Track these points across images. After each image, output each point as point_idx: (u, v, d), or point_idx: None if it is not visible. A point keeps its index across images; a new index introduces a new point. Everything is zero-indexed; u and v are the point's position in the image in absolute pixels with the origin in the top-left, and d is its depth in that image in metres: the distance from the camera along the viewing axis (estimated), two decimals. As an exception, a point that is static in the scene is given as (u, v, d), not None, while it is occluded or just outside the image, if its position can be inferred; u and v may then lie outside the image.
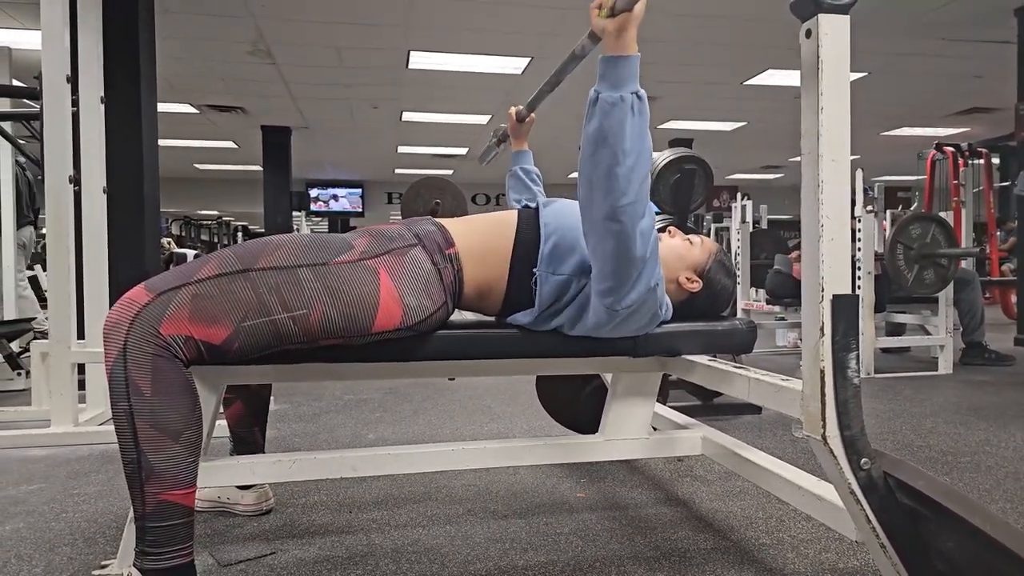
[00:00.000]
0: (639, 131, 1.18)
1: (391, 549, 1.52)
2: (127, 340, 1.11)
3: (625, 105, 1.16)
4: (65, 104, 2.60)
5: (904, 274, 3.67)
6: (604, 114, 1.16)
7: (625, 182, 1.18)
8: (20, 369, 3.60)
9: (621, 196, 1.18)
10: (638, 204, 1.20)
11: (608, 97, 1.16)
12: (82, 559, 1.48)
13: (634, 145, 1.18)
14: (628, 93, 1.17)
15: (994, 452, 2.28)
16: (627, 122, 1.16)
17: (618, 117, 1.16)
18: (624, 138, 1.16)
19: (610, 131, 1.16)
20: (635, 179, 1.18)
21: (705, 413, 2.80)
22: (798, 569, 1.40)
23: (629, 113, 1.17)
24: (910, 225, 3.71)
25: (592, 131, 1.18)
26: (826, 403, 1.04)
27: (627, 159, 1.17)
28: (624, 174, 1.17)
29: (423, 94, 8.30)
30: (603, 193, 1.18)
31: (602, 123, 1.16)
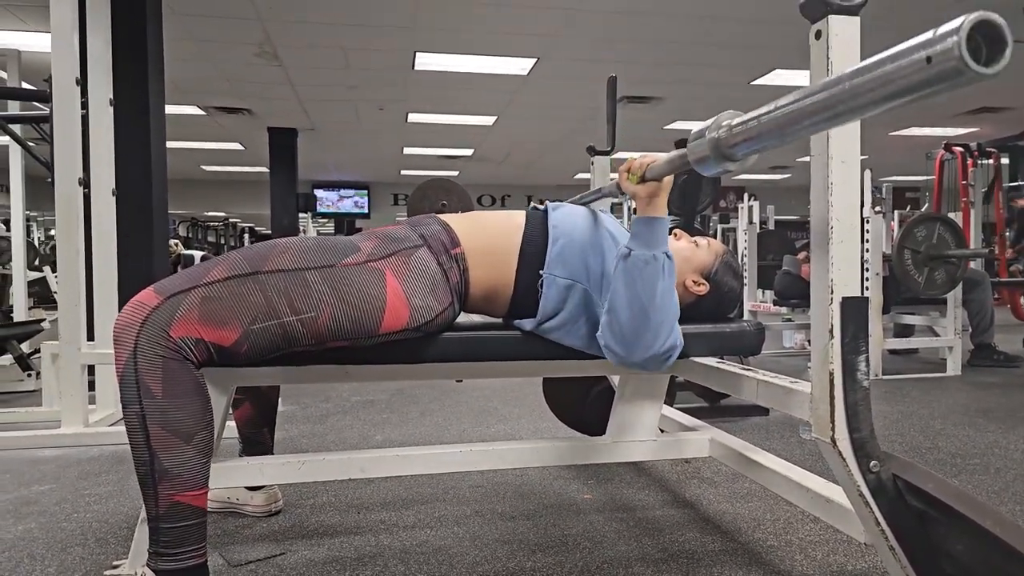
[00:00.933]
0: (668, 288, 1.27)
1: (399, 550, 1.53)
2: (138, 343, 1.12)
3: (657, 264, 1.25)
4: (74, 106, 2.62)
5: (914, 278, 3.65)
6: (637, 271, 1.25)
7: (654, 336, 1.25)
8: (30, 370, 3.63)
9: (651, 347, 1.26)
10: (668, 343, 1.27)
11: (641, 255, 1.25)
12: (94, 559, 1.50)
13: (663, 301, 1.26)
14: (660, 252, 1.25)
15: (1003, 454, 2.28)
16: (658, 280, 1.25)
17: (651, 274, 1.25)
18: (655, 295, 1.25)
19: (642, 287, 1.24)
20: (663, 332, 1.26)
21: (712, 415, 2.80)
22: (806, 571, 1.40)
23: (660, 272, 1.25)
24: (915, 228, 3.69)
25: (625, 285, 1.25)
26: (835, 405, 1.04)
27: (656, 314, 1.25)
28: (654, 328, 1.25)
29: (429, 95, 8.31)
30: (634, 343, 1.26)
31: (634, 279, 1.25)
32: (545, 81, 7.54)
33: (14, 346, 3.61)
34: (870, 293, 3.80)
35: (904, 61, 0.65)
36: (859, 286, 1.03)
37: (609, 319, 1.27)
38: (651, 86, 7.73)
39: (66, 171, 2.60)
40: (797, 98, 0.81)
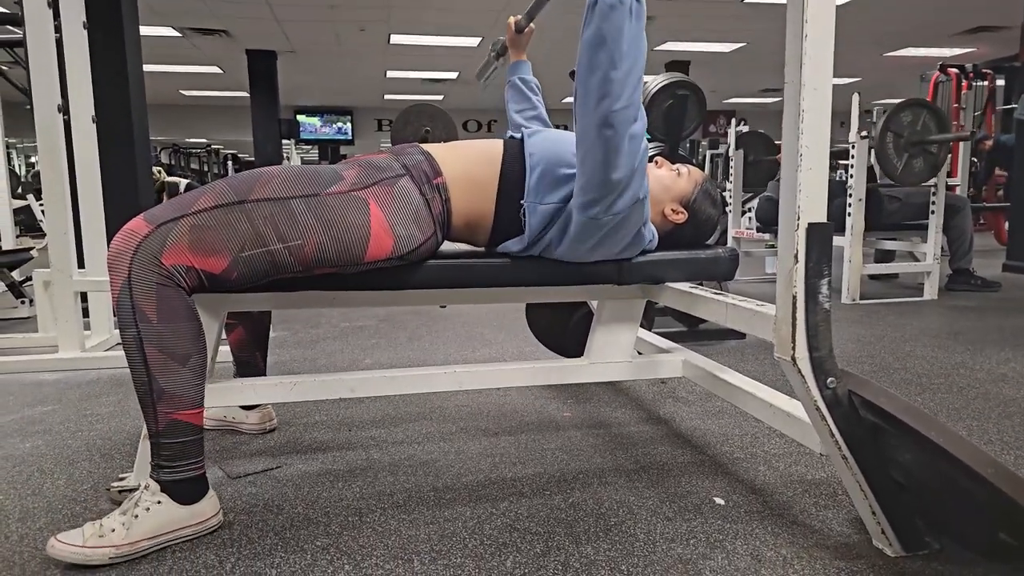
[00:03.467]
0: (636, 35, 1.20)
1: (388, 463, 1.62)
2: (131, 270, 1.16)
3: (624, 8, 1.17)
4: (48, 29, 2.56)
5: (893, 163, 3.64)
6: (603, 17, 1.17)
7: (620, 86, 1.20)
8: (24, 298, 3.66)
9: (615, 100, 1.20)
10: (630, 109, 1.22)
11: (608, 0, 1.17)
12: (100, 472, 1.58)
13: (631, 49, 1.19)
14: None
15: (968, 374, 2.38)
16: (625, 25, 1.18)
17: (616, 20, 1.17)
18: (621, 41, 1.18)
19: (608, 34, 1.17)
20: (630, 83, 1.20)
21: (690, 339, 2.89)
22: (768, 480, 1.50)
23: (627, 16, 1.18)
24: (901, 112, 3.65)
25: (590, 35, 1.19)
26: (797, 327, 1.10)
27: (623, 63, 1.19)
28: (620, 78, 1.19)
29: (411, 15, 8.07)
30: (597, 98, 1.20)
31: (600, 26, 1.17)
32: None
33: (5, 274, 3.63)
34: (852, 219, 3.85)
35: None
36: (824, 213, 1.08)
37: (575, 88, 1.24)
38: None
39: (45, 98, 2.56)
40: None
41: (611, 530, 1.28)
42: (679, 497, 1.42)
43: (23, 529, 1.31)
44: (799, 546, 1.22)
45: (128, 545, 1.18)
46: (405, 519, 1.33)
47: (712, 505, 1.38)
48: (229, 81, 12.09)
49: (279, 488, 1.48)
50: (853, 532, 1.27)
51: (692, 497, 1.42)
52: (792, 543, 1.23)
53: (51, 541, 1.17)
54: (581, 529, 1.29)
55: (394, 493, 1.45)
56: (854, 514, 1.32)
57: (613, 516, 1.34)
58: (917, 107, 3.71)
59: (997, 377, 2.34)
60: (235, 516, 1.35)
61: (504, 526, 1.30)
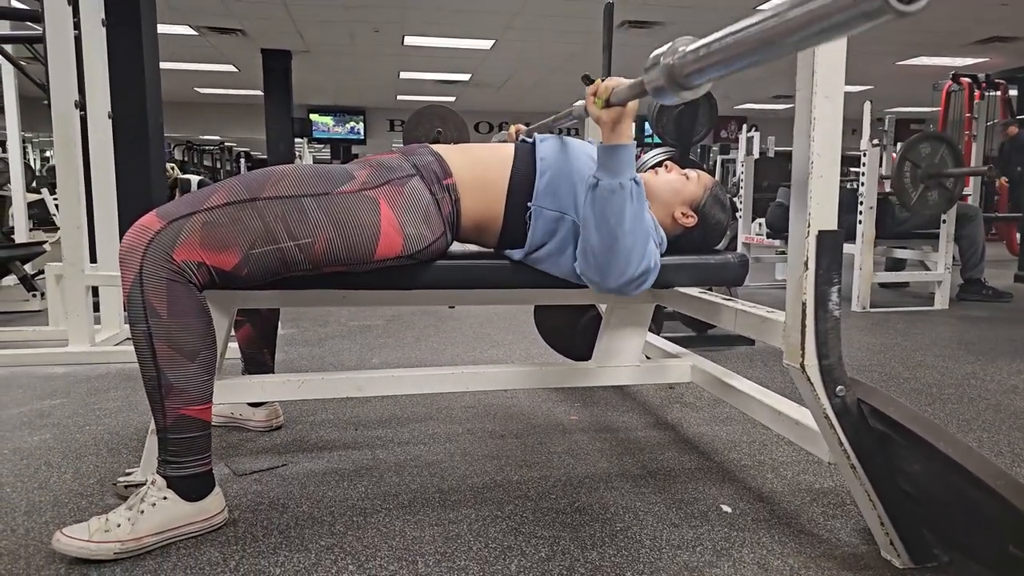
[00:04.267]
0: (637, 213, 1.28)
1: (394, 463, 1.62)
2: (143, 265, 1.17)
3: (624, 192, 1.26)
4: (67, 26, 2.58)
5: (909, 193, 3.66)
6: (604, 200, 1.26)
7: (625, 261, 1.28)
8: (35, 291, 3.69)
9: (624, 272, 1.29)
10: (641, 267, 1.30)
11: (608, 184, 1.26)
12: (107, 467, 1.58)
13: (632, 226, 1.27)
14: (627, 180, 1.26)
15: (979, 385, 2.36)
16: (627, 207, 1.26)
17: (618, 202, 1.26)
18: (624, 221, 1.26)
19: (611, 215, 1.26)
20: (635, 257, 1.29)
21: (699, 344, 2.88)
22: (776, 488, 1.49)
23: (628, 199, 1.26)
24: (920, 143, 3.67)
25: (594, 213, 1.27)
26: (806, 334, 1.09)
27: (626, 239, 1.27)
28: (625, 253, 1.28)
29: (426, 17, 8.09)
30: (606, 269, 1.29)
31: (604, 208, 1.26)
32: (544, 3, 7.33)
33: (18, 267, 3.66)
34: (863, 227, 3.82)
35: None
36: (835, 220, 1.07)
37: (583, 248, 1.31)
38: (652, 10, 7.51)
39: (62, 94, 2.59)
40: (742, 27, 0.79)
41: (617, 535, 1.28)
42: (686, 503, 1.41)
43: (29, 523, 1.31)
44: (807, 556, 1.21)
45: (133, 541, 1.18)
46: (410, 520, 1.33)
47: (719, 512, 1.38)
48: (244, 79, 12.16)
49: (284, 486, 1.48)
50: (861, 543, 1.26)
51: (699, 504, 1.41)
52: (799, 553, 1.22)
53: (56, 535, 1.17)
54: (587, 534, 1.28)
55: (399, 493, 1.45)
56: (862, 524, 1.31)
57: (619, 521, 1.33)
58: (936, 140, 3.74)
59: (1008, 388, 2.32)
60: (240, 514, 1.35)
61: (509, 529, 1.30)
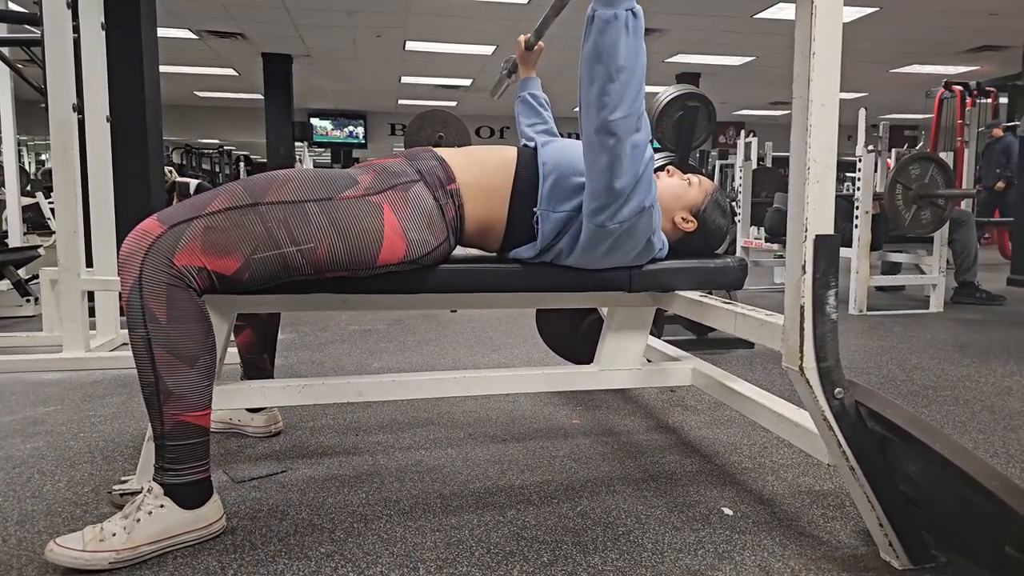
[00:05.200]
0: (633, 48, 1.21)
1: (395, 469, 1.62)
2: (142, 270, 1.17)
3: (619, 23, 1.19)
4: (66, 30, 2.58)
5: (902, 214, 3.70)
6: (599, 32, 1.19)
7: (618, 97, 1.21)
8: (29, 296, 3.68)
9: (614, 110, 1.22)
10: (631, 118, 1.24)
11: (603, 14, 1.19)
12: (102, 475, 1.57)
13: (628, 61, 1.21)
14: (622, 10, 1.19)
15: (973, 387, 2.37)
16: (621, 39, 1.19)
17: (612, 34, 1.19)
18: (618, 55, 1.20)
19: (604, 48, 1.19)
20: (628, 95, 1.22)
21: (699, 347, 2.88)
22: (776, 491, 1.50)
23: (623, 30, 1.19)
24: (910, 165, 3.72)
25: (588, 49, 1.22)
26: (804, 337, 1.10)
27: (621, 75, 1.20)
28: (617, 90, 1.21)
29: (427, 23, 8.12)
30: (597, 108, 1.22)
31: (596, 41, 1.20)
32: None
33: (12, 272, 3.64)
34: (859, 232, 3.84)
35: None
36: (832, 225, 1.08)
37: (580, 94, 1.26)
38: (654, 17, 7.55)
39: (60, 97, 2.59)
40: None
41: (619, 539, 1.28)
42: (687, 507, 1.42)
43: (22, 532, 1.30)
44: (807, 558, 1.22)
45: (129, 550, 1.16)
46: (411, 526, 1.33)
47: (720, 515, 1.38)
48: (244, 83, 12.17)
49: (284, 493, 1.48)
50: (861, 544, 1.26)
51: (700, 507, 1.42)
52: (800, 555, 1.23)
53: (50, 545, 1.16)
54: (589, 538, 1.29)
55: (400, 499, 1.45)
56: (862, 526, 1.32)
57: (621, 525, 1.34)
58: (925, 160, 3.76)
59: (1002, 390, 2.33)
60: (238, 521, 1.34)
61: (511, 534, 1.30)
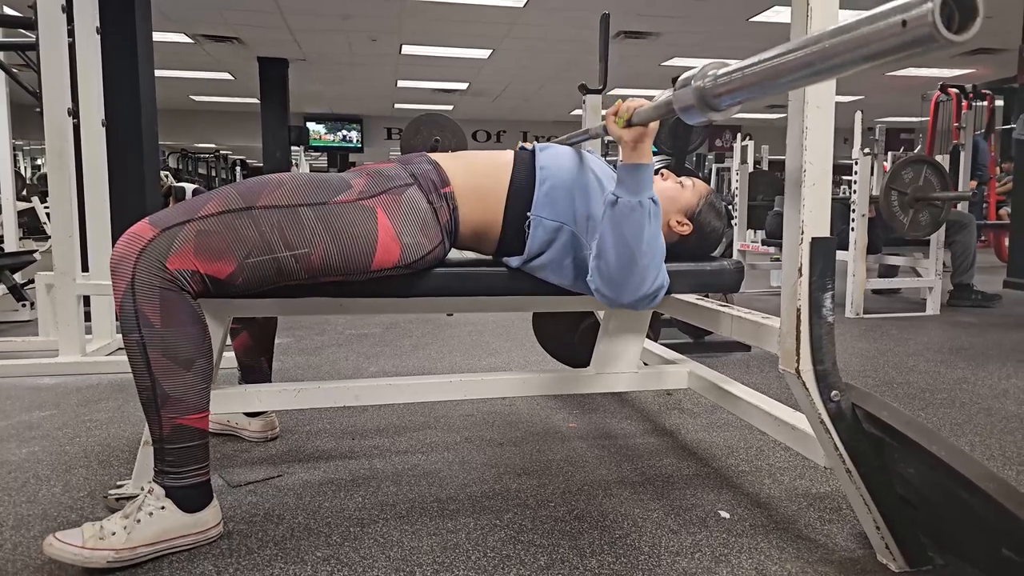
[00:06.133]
0: (654, 233, 1.31)
1: (392, 473, 1.62)
2: (135, 274, 1.16)
3: (643, 210, 1.28)
4: (61, 34, 2.58)
5: (899, 219, 3.70)
6: (624, 217, 1.27)
7: (640, 279, 1.31)
8: (24, 300, 3.67)
9: (639, 289, 1.31)
10: (655, 284, 1.33)
11: (627, 202, 1.27)
12: (98, 479, 1.57)
13: (650, 245, 1.30)
14: (645, 199, 1.28)
15: (970, 389, 2.37)
16: (645, 226, 1.28)
17: (637, 220, 1.27)
18: (642, 240, 1.28)
19: (629, 233, 1.28)
20: (650, 275, 1.32)
21: (696, 351, 2.88)
22: (773, 494, 1.50)
23: (646, 218, 1.28)
24: (902, 170, 3.72)
25: (612, 231, 1.28)
26: (801, 340, 1.10)
27: (643, 258, 1.29)
28: (641, 272, 1.30)
29: (423, 27, 8.13)
30: (623, 286, 1.31)
31: (621, 225, 1.28)
32: (542, 13, 7.37)
33: (7, 276, 3.63)
34: (855, 235, 3.85)
35: (881, 24, 0.65)
36: (828, 227, 1.08)
37: (598, 264, 1.31)
38: (649, 21, 7.57)
39: (55, 101, 2.58)
40: (780, 53, 0.81)
41: (616, 543, 1.28)
42: (684, 510, 1.42)
43: (17, 537, 1.30)
44: (804, 560, 1.22)
45: (128, 550, 1.16)
46: (408, 530, 1.33)
47: (717, 518, 1.38)
48: (240, 87, 12.16)
49: (280, 497, 1.48)
50: (857, 547, 1.26)
51: (697, 510, 1.41)
52: (797, 557, 1.23)
53: (49, 539, 1.16)
54: (585, 541, 1.28)
55: (397, 503, 1.45)
56: (858, 528, 1.32)
57: (618, 528, 1.33)
58: (917, 163, 3.77)
59: (999, 392, 2.33)
60: (235, 525, 1.34)
61: (508, 538, 1.30)
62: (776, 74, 0.83)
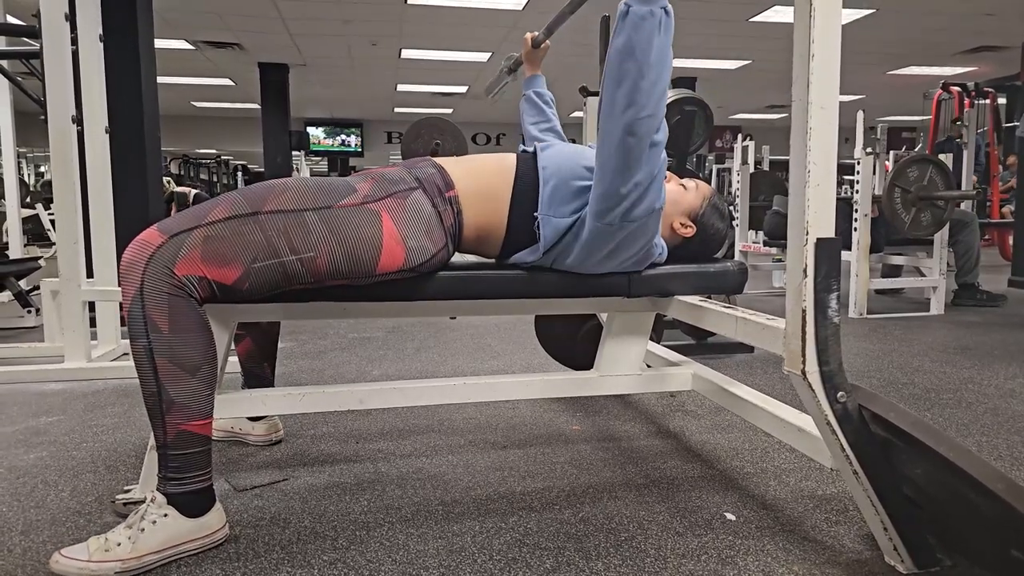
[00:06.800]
0: (664, 46, 1.22)
1: (396, 476, 1.62)
2: (143, 280, 1.17)
3: (654, 19, 1.20)
4: (65, 42, 2.59)
5: (902, 217, 3.70)
6: (634, 27, 1.19)
7: (646, 96, 1.22)
8: (30, 307, 3.68)
9: (641, 109, 1.22)
10: (655, 119, 1.25)
11: (639, 11, 1.19)
12: (105, 484, 1.57)
13: (659, 59, 1.22)
14: (658, 8, 1.20)
15: (976, 389, 2.37)
16: (655, 36, 1.20)
17: (647, 31, 1.19)
18: (651, 52, 1.20)
19: (638, 45, 1.20)
20: (656, 93, 1.23)
21: (699, 352, 2.88)
22: (779, 496, 1.49)
23: (657, 28, 1.20)
24: (908, 168, 3.72)
25: (619, 45, 1.21)
26: (806, 341, 1.10)
27: (651, 72, 1.21)
28: (647, 88, 1.22)
29: (423, 30, 8.15)
30: (623, 106, 1.22)
31: (631, 36, 1.20)
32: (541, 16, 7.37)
33: (12, 283, 3.64)
34: (859, 234, 3.84)
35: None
36: (833, 228, 1.08)
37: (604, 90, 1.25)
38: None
39: (59, 108, 2.59)
40: None
41: (621, 545, 1.28)
42: (690, 512, 1.41)
43: (26, 542, 1.30)
44: (811, 563, 1.21)
45: (134, 559, 1.16)
46: (413, 533, 1.33)
47: (723, 520, 1.38)
48: (240, 93, 12.20)
49: (285, 501, 1.48)
50: (865, 548, 1.26)
51: (703, 512, 1.41)
52: (804, 559, 1.22)
53: (55, 556, 1.16)
54: (591, 544, 1.28)
55: (402, 507, 1.45)
56: (865, 530, 1.31)
57: (623, 531, 1.33)
58: (923, 162, 3.76)
59: (1005, 392, 2.33)
60: (241, 530, 1.34)
61: (513, 541, 1.30)
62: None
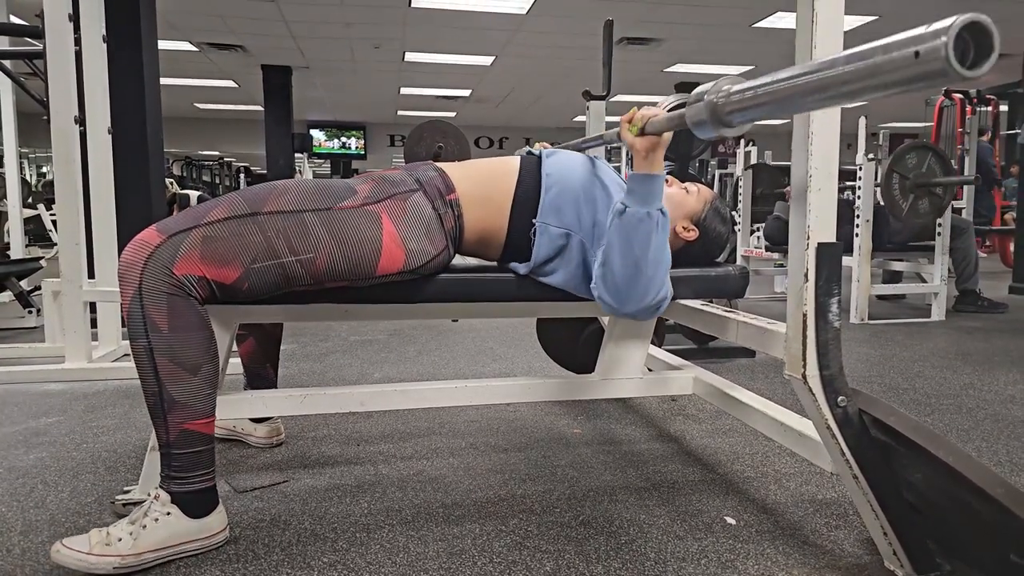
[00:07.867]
0: (661, 244, 1.30)
1: (397, 479, 1.62)
2: (142, 280, 1.17)
3: (652, 221, 1.27)
4: (68, 43, 2.59)
5: (899, 204, 3.67)
6: (632, 227, 1.27)
7: (645, 289, 1.30)
8: (31, 307, 3.68)
9: (643, 299, 1.30)
10: (659, 295, 1.32)
11: (636, 212, 1.26)
12: (105, 485, 1.57)
13: (656, 256, 1.29)
14: (655, 210, 1.27)
15: (976, 395, 2.37)
16: (652, 236, 1.27)
17: (645, 231, 1.27)
18: (649, 250, 1.27)
19: (637, 243, 1.27)
20: (655, 286, 1.31)
21: (700, 356, 2.88)
22: (779, 500, 1.49)
23: (655, 229, 1.27)
24: (907, 154, 3.69)
25: (619, 240, 1.28)
26: (807, 345, 1.10)
27: (649, 269, 1.28)
28: (646, 283, 1.29)
29: (426, 34, 8.16)
30: (627, 296, 1.30)
31: (629, 235, 1.27)
32: (544, 20, 7.39)
33: (14, 283, 3.65)
34: (859, 239, 3.84)
35: (895, 54, 0.65)
36: (834, 232, 1.08)
37: (603, 272, 1.31)
38: (651, 27, 7.59)
39: (62, 109, 2.60)
40: (793, 75, 0.81)
41: (622, 548, 1.28)
42: (690, 516, 1.41)
43: (25, 542, 1.30)
44: (811, 567, 1.21)
45: (134, 556, 1.17)
46: (413, 536, 1.33)
47: (723, 524, 1.38)
48: (243, 95, 12.22)
49: (286, 503, 1.48)
50: (864, 553, 1.26)
51: (703, 516, 1.41)
52: (803, 564, 1.22)
53: (56, 545, 1.16)
54: (591, 547, 1.28)
55: (402, 509, 1.45)
56: (865, 535, 1.31)
57: (624, 534, 1.33)
58: (922, 149, 3.75)
59: (1006, 398, 2.32)
60: (241, 531, 1.34)
61: (514, 543, 1.30)
62: (789, 95, 0.83)
